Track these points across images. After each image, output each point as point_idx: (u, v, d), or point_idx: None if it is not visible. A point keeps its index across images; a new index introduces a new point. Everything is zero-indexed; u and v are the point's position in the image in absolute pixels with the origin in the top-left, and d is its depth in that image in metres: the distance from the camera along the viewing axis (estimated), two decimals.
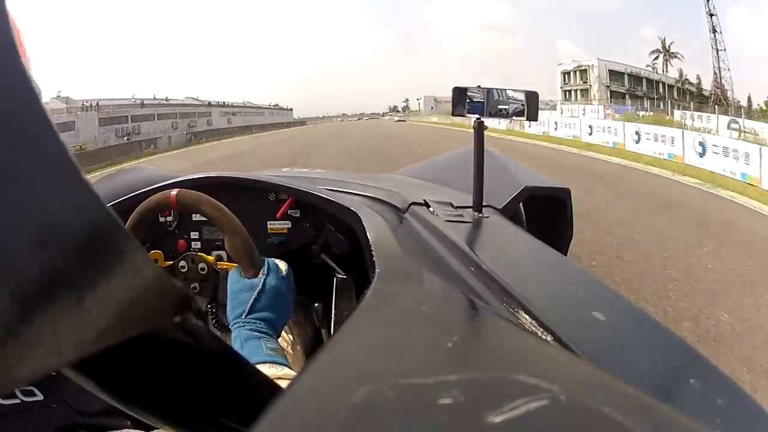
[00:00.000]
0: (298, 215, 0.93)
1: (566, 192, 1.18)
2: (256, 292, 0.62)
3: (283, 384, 0.52)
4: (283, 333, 0.81)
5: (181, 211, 0.88)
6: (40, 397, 0.46)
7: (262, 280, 0.63)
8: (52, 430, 0.48)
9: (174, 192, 0.70)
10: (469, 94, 0.89)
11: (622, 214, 4.56)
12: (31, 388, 0.46)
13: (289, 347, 0.80)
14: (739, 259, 3.29)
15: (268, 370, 0.52)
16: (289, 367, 0.55)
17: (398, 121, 44.87)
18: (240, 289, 0.63)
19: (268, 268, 0.65)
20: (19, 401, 0.45)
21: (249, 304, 0.61)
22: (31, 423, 0.46)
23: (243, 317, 0.60)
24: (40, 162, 0.13)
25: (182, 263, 0.77)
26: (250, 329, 0.59)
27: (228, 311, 0.63)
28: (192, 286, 0.76)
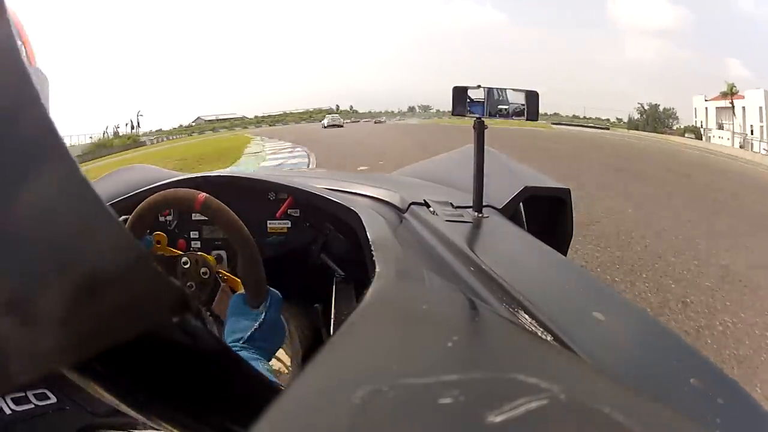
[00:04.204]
0: (298, 215, 0.93)
1: (566, 192, 1.18)
2: (258, 323, 0.63)
3: None
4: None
5: (203, 216, 0.86)
6: (53, 400, 0.46)
7: (264, 314, 0.64)
8: None
9: (202, 195, 0.69)
10: (469, 93, 0.89)
11: None
12: (44, 391, 0.46)
13: (290, 345, 0.81)
14: None
15: None
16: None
17: (330, 126, 27.83)
18: (242, 316, 0.64)
19: (271, 300, 0.66)
20: (33, 406, 0.44)
21: (248, 334, 0.62)
22: (45, 427, 0.45)
23: (240, 343, 0.61)
24: (39, 162, 0.13)
25: (186, 260, 0.77)
26: (245, 354, 0.60)
27: (225, 333, 0.64)
28: (188, 284, 0.76)
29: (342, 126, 29.02)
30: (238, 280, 0.68)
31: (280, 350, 0.75)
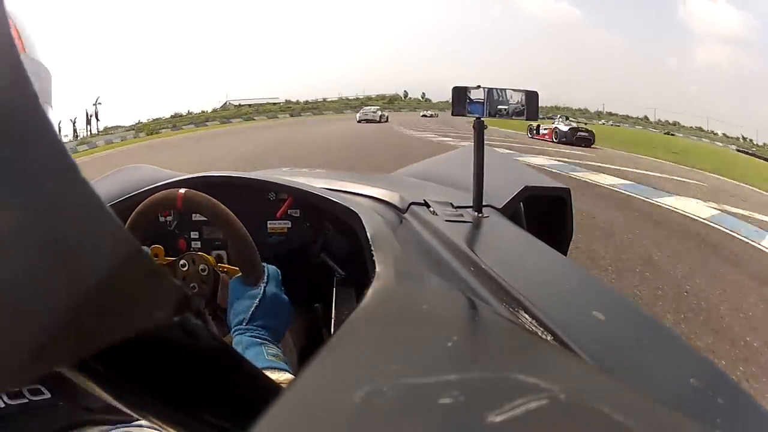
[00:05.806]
0: (298, 215, 0.93)
1: (566, 192, 1.18)
2: (257, 300, 0.63)
3: None
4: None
5: (187, 211, 0.87)
6: (47, 395, 0.46)
7: (263, 288, 0.64)
8: (59, 429, 0.47)
9: (182, 191, 0.70)
10: (469, 93, 0.89)
11: None
12: (39, 386, 0.46)
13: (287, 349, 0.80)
14: None
15: (269, 375, 0.53)
16: (291, 372, 0.55)
17: (363, 120, 21.55)
18: (242, 297, 0.64)
19: (268, 276, 0.66)
20: (27, 401, 0.45)
21: (250, 312, 0.61)
22: (39, 422, 0.46)
23: (244, 324, 0.61)
24: (38, 160, 0.13)
25: (183, 262, 0.77)
26: (251, 336, 0.59)
27: (229, 318, 0.64)
28: (191, 285, 0.76)
29: (380, 121, 21.20)
30: (236, 268, 0.68)
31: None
